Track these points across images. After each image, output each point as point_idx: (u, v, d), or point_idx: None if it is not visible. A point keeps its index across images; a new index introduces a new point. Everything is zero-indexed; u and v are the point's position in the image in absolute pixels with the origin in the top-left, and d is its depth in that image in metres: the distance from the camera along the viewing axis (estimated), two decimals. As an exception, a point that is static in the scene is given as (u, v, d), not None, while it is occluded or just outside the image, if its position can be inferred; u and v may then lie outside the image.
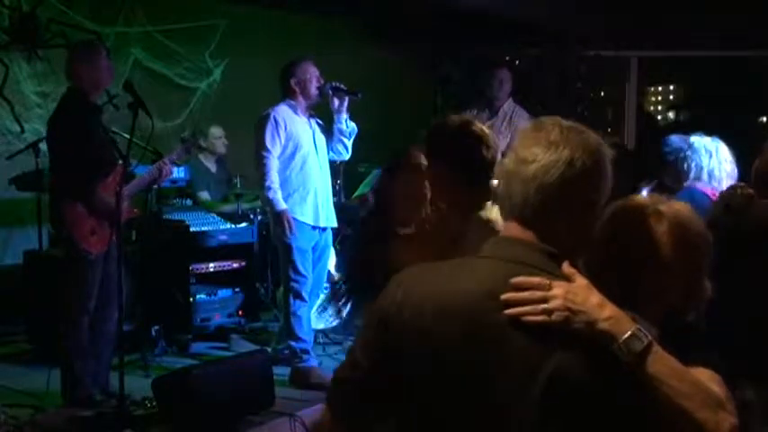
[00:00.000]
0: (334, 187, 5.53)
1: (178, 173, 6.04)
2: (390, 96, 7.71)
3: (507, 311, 1.45)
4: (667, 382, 1.43)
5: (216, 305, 5.79)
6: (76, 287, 4.35)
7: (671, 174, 4.08)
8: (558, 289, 1.46)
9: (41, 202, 5.30)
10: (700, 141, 3.92)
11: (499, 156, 2.27)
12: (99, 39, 5.92)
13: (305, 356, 4.89)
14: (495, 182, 1.63)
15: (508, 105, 5.99)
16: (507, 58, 7.93)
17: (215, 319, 5.77)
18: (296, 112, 4.96)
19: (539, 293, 1.46)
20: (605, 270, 1.65)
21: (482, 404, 1.48)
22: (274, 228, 4.94)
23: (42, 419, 4.19)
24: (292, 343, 4.88)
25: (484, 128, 2.56)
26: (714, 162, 3.84)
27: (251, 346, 5.51)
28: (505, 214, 1.59)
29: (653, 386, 1.43)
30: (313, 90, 4.95)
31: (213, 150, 6.59)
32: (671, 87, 10.63)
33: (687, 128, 4.23)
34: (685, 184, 3.85)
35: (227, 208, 6.25)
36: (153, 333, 5.35)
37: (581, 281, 1.49)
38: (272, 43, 6.96)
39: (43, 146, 5.05)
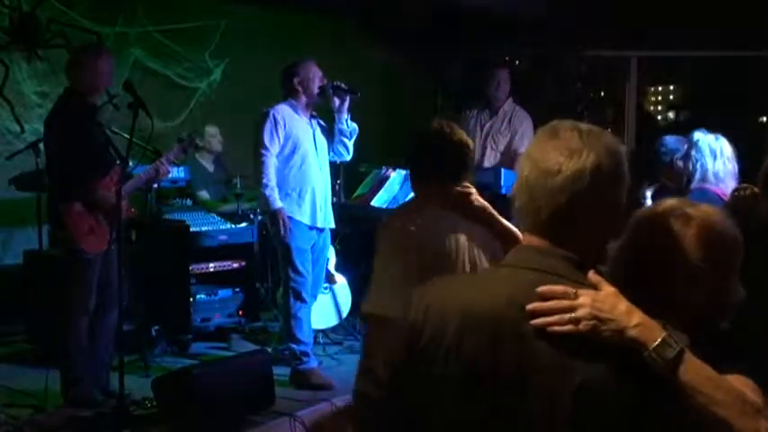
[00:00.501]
0: (333, 187, 5.53)
1: (178, 173, 6.05)
2: (390, 96, 7.72)
3: (534, 321, 1.43)
4: (702, 390, 1.40)
5: (216, 305, 5.79)
6: (75, 287, 4.35)
7: (670, 175, 4.07)
8: (585, 297, 1.44)
9: (41, 202, 5.29)
10: (704, 141, 3.88)
11: (499, 156, 2.31)
12: (99, 39, 5.93)
13: (305, 359, 4.89)
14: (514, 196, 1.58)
15: (508, 105, 5.99)
16: (507, 58, 7.93)
17: (215, 319, 5.77)
18: (296, 112, 4.96)
19: (565, 302, 1.44)
20: (632, 279, 1.62)
21: (512, 417, 1.46)
22: (272, 227, 4.94)
23: (42, 419, 4.19)
24: (292, 345, 4.88)
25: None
26: (719, 163, 3.82)
27: (251, 346, 5.52)
28: (528, 226, 1.56)
29: (687, 394, 1.40)
30: (315, 90, 4.96)
31: (209, 149, 6.59)
32: (671, 87, 10.62)
33: (687, 128, 4.22)
34: (693, 186, 3.82)
35: (227, 208, 6.25)
36: (153, 333, 5.36)
37: (608, 288, 1.46)
38: (272, 43, 6.96)
39: (43, 146, 5.05)
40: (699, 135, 3.91)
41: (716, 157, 3.82)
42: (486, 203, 2.56)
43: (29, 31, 5.93)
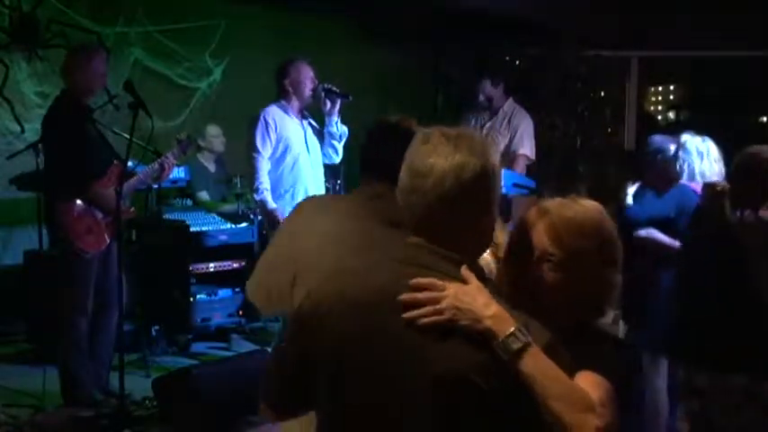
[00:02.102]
0: (333, 187, 5.52)
1: (178, 173, 6.05)
2: (390, 96, 7.71)
3: (404, 315, 1.54)
4: (540, 382, 1.50)
5: (216, 305, 5.79)
6: (73, 287, 4.35)
7: (655, 173, 4.11)
8: (450, 289, 1.55)
9: (41, 202, 5.30)
10: (691, 142, 3.99)
11: (498, 156, 2.21)
12: (99, 39, 5.93)
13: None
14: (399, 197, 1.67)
15: (508, 106, 5.98)
16: (507, 57, 7.93)
17: (215, 319, 5.77)
18: (287, 113, 4.97)
19: (432, 294, 1.55)
20: (511, 274, 1.77)
21: (380, 401, 1.57)
22: (268, 229, 4.95)
23: (42, 419, 4.20)
24: None
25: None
26: (705, 164, 3.92)
27: (251, 346, 5.52)
28: (410, 227, 1.65)
29: (527, 385, 1.50)
30: (306, 91, 4.96)
31: (211, 149, 6.59)
32: (671, 87, 10.63)
33: (687, 128, 4.25)
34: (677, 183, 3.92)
35: (227, 208, 6.25)
36: (153, 333, 5.36)
37: (474, 282, 1.57)
38: (272, 43, 6.96)
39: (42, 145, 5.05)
40: (686, 137, 4.01)
41: (703, 157, 3.92)
42: None
43: (29, 31, 5.94)
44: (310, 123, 5.09)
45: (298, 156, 4.94)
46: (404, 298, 1.55)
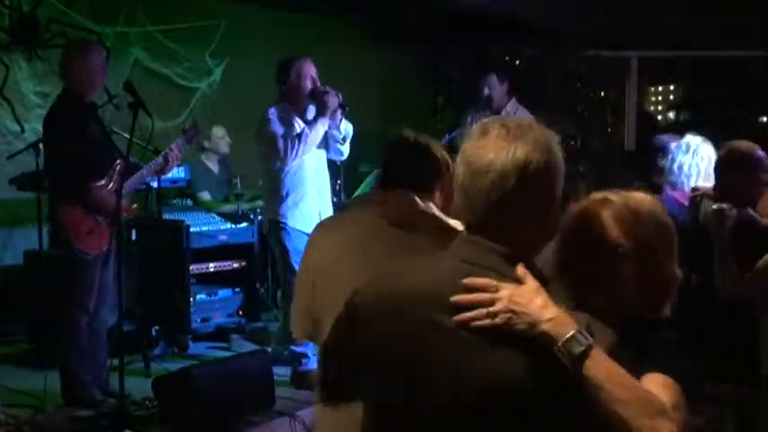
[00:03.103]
0: (334, 187, 5.50)
1: (178, 173, 6.05)
2: (390, 96, 7.71)
3: (455, 318, 1.48)
4: (604, 386, 1.42)
5: (216, 305, 5.79)
6: (75, 287, 4.35)
7: (656, 172, 4.13)
8: (505, 291, 1.47)
9: (41, 202, 5.30)
10: (684, 140, 3.98)
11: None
12: (99, 39, 5.93)
13: (304, 360, 4.88)
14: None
15: (511, 105, 5.97)
16: (507, 58, 7.94)
17: (215, 319, 5.77)
18: (289, 114, 4.89)
19: (486, 295, 1.47)
20: (563, 272, 1.68)
21: (425, 403, 1.52)
22: (269, 230, 4.93)
23: (42, 419, 4.19)
24: (291, 347, 4.87)
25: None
26: (689, 158, 3.89)
27: (251, 346, 5.51)
28: (465, 224, 1.60)
29: (590, 390, 1.42)
30: (306, 90, 4.87)
31: (217, 151, 6.60)
32: (671, 87, 10.63)
33: (687, 128, 4.25)
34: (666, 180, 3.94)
35: (228, 208, 6.25)
36: (153, 333, 5.35)
37: (531, 283, 1.49)
38: (273, 43, 6.96)
39: (43, 145, 5.05)
40: (688, 136, 4.00)
41: (688, 152, 3.89)
42: None
43: (29, 31, 5.94)
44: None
45: (303, 158, 4.87)
46: (455, 299, 1.49)
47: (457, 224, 2.25)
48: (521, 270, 1.51)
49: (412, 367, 1.53)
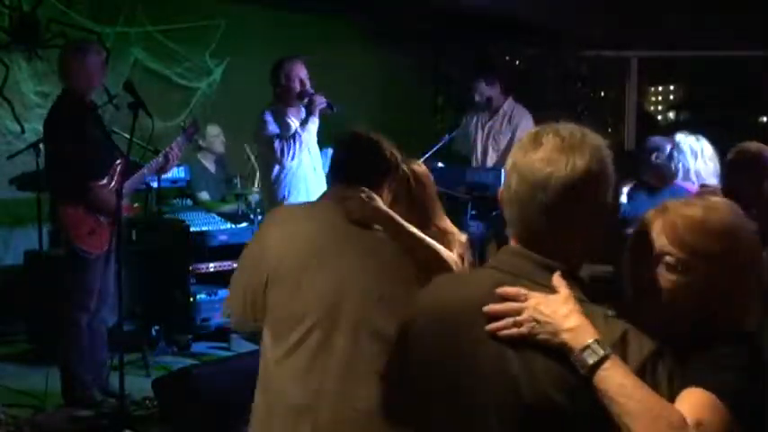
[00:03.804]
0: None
1: (178, 173, 6.05)
2: (390, 96, 7.71)
3: (486, 327, 1.49)
4: (616, 398, 1.40)
5: (216, 305, 5.78)
6: (76, 287, 4.35)
7: (652, 173, 4.15)
8: (532, 300, 1.48)
9: (41, 202, 5.30)
10: (685, 142, 4.02)
11: (498, 155, 2.19)
12: (99, 39, 5.93)
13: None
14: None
15: (508, 105, 5.98)
16: (507, 57, 7.94)
17: (215, 319, 5.76)
18: (284, 115, 4.93)
19: (513, 304, 1.48)
20: (629, 276, 1.63)
21: (462, 413, 1.53)
22: None
23: (42, 419, 4.19)
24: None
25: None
26: (700, 163, 3.94)
27: (251, 346, 5.50)
28: (515, 234, 1.58)
29: (605, 402, 1.40)
30: (295, 92, 4.91)
31: (211, 149, 6.59)
32: (671, 87, 10.63)
33: (687, 128, 4.28)
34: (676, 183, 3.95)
35: (227, 208, 6.24)
36: (153, 333, 5.36)
37: (563, 292, 1.48)
38: (273, 43, 6.95)
39: (43, 146, 5.05)
40: (680, 136, 4.05)
41: (697, 157, 3.94)
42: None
43: (29, 31, 5.94)
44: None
45: (300, 159, 4.90)
46: (486, 309, 1.50)
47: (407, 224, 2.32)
48: (556, 279, 1.50)
49: (453, 377, 1.54)
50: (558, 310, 1.46)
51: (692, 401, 1.41)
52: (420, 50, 7.92)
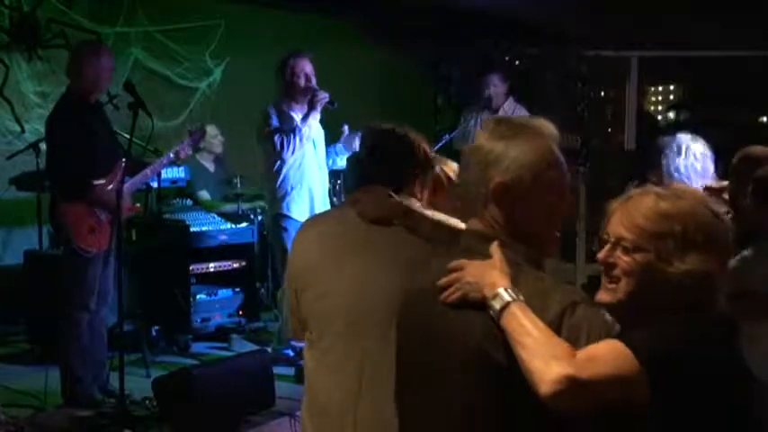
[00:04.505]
0: (334, 188, 5.50)
1: (178, 173, 6.05)
2: (390, 96, 7.71)
3: (440, 297, 1.71)
4: (515, 336, 1.56)
5: (216, 305, 5.79)
6: (76, 286, 4.35)
7: (654, 172, 4.16)
8: (468, 267, 1.69)
9: (41, 202, 5.30)
10: (677, 139, 4.02)
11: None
12: (99, 39, 5.93)
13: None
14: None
15: (508, 105, 5.99)
16: (507, 58, 7.93)
17: (215, 319, 5.77)
18: (290, 110, 4.91)
19: (456, 274, 1.70)
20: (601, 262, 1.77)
21: (428, 374, 1.75)
22: (270, 227, 4.93)
23: (42, 419, 4.19)
24: (293, 342, 4.87)
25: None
26: (681, 160, 3.94)
27: (251, 346, 5.51)
28: (466, 211, 1.79)
29: (510, 343, 1.57)
30: (300, 87, 4.88)
31: (210, 150, 6.58)
32: (671, 87, 10.63)
33: (687, 128, 4.27)
34: (665, 183, 3.96)
35: (227, 208, 6.24)
36: (153, 333, 5.36)
37: (495, 257, 1.67)
38: (273, 43, 6.95)
39: (43, 146, 5.05)
40: (679, 135, 4.04)
41: (680, 153, 3.93)
42: None
43: (29, 31, 5.93)
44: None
45: (304, 153, 4.87)
46: (438, 283, 1.71)
47: (443, 216, 2.31)
48: (493, 248, 1.68)
49: (423, 345, 1.76)
50: (483, 271, 1.65)
51: (600, 345, 1.56)
52: (420, 50, 7.91)
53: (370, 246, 2.27)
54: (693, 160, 3.92)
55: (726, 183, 3.51)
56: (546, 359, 1.51)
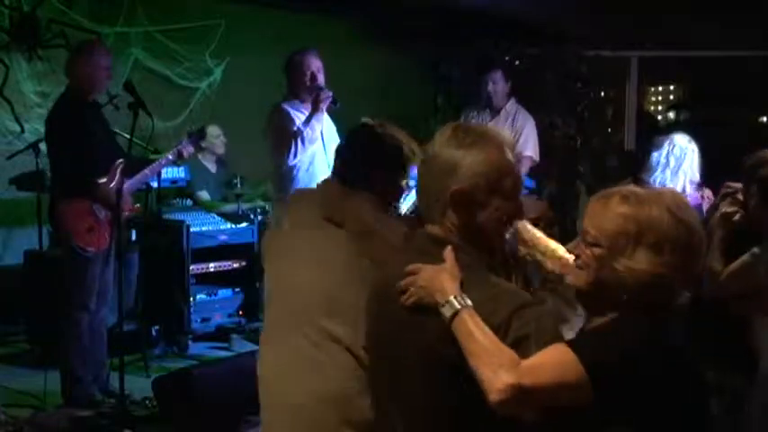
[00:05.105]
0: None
1: (178, 173, 6.05)
2: (390, 96, 7.71)
3: (401, 300, 1.78)
4: (464, 343, 1.64)
5: (216, 305, 5.79)
6: (75, 285, 4.35)
7: (646, 171, 4.20)
8: (422, 272, 1.76)
9: (41, 202, 5.30)
10: (665, 141, 4.07)
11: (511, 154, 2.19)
12: (99, 39, 5.93)
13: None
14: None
15: (510, 106, 5.95)
16: (507, 58, 7.93)
17: (215, 319, 5.77)
18: (299, 109, 4.81)
19: (411, 278, 1.77)
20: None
21: (389, 373, 1.84)
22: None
23: (42, 419, 4.19)
24: None
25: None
26: (663, 153, 3.99)
27: (251, 346, 5.51)
28: (427, 218, 1.86)
29: (461, 347, 1.64)
30: (306, 84, 4.77)
31: (212, 150, 6.57)
32: (671, 87, 10.63)
33: (687, 128, 4.29)
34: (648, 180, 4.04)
35: (228, 208, 6.24)
36: (153, 333, 5.36)
37: (448, 262, 1.74)
38: (272, 43, 6.95)
39: (43, 146, 5.05)
40: (676, 136, 4.09)
41: (662, 147, 4.00)
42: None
43: (29, 31, 5.93)
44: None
45: (314, 154, 4.77)
46: (396, 286, 1.78)
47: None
48: (446, 253, 1.76)
49: (384, 345, 1.87)
50: (435, 276, 1.72)
51: (546, 351, 1.63)
52: (420, 50, 7.91)
53: (316, 246, 2.36)
54: (670, 153, 4.01)
55: (739, 184, 3.51)
56: (493, 368, 1.59)
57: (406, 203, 4.13)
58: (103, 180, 4.37)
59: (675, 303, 1.77)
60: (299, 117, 4.75)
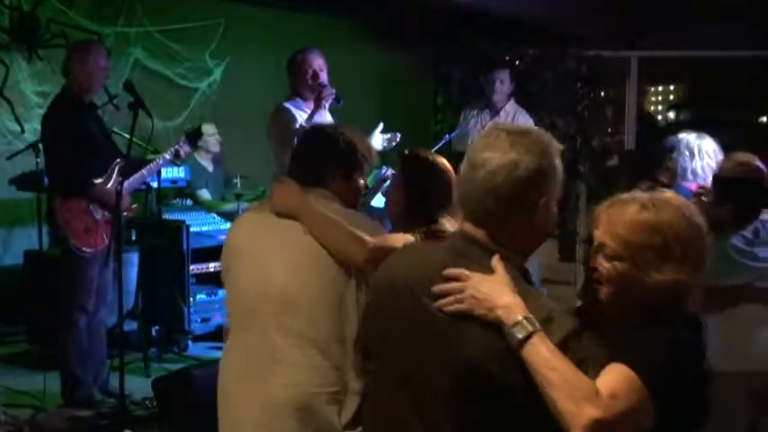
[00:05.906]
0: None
1: (178, 173, 6.04)
2: (390, 96, 7.71)
3: (435, 304, 1.66)
4: (540, 370, 1.54)
5: (216, 305, 5.79)
6: (74, 285, 4.35)
7: (664, 172, 4.17)
8: (473, 279, 1.64)
9: (41, 202, 5.30)
10: (684, 141, 4.04)
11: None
12: (99, 39, 5.93)
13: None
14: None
15: (510, 106, 5.97)
16: (507, 57, 7.93)
17: (215, 319, 5.77)
18: (302, 109, 4.80)
19: (457, 284, 1.65)
20: (584, 266, 1.81)
21: (411, 375, 1.70)
22: None
23: (42, 419, 4.19)
24: None
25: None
26: (697, 161, 3.96)
27: (251, 347, 5.51)
28: (463, 215, 1.75)
29: (532, 373, 1.56)
30: (308, 82, 4.75)
31: (207, 148, 6.56)
32: (671, 87, 10.63)
33: (687, 128, 4.28)
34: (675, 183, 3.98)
35: (228, 208, 6.24)
36: (153, 333, 5.35)
37: (500, 272, 1.65)
38: (273, 43, 6.96)
39: (42, 144, 5.06)
40: (682, 135, 4.06)
41: (694, 155, 3.96)
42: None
43: (29, 31, 5.93)
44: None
45: None
46: (434, 288, 1.66)
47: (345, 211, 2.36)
48: (494, 261, 1.66)
49: (405, 346, 1.72)
50: (494, 288, 1.62)
51: (612, 375, 1.57)
52: (420, 50, 7.91)
53: (275, 242, 2.36)
54: (708, 159, 3.95)
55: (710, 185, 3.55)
56: (577, 400, 1.51)
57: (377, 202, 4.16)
58: (100, 180, 4.37)
59: (688, 306, 1.75)
60: (301, 116, 4.73)
